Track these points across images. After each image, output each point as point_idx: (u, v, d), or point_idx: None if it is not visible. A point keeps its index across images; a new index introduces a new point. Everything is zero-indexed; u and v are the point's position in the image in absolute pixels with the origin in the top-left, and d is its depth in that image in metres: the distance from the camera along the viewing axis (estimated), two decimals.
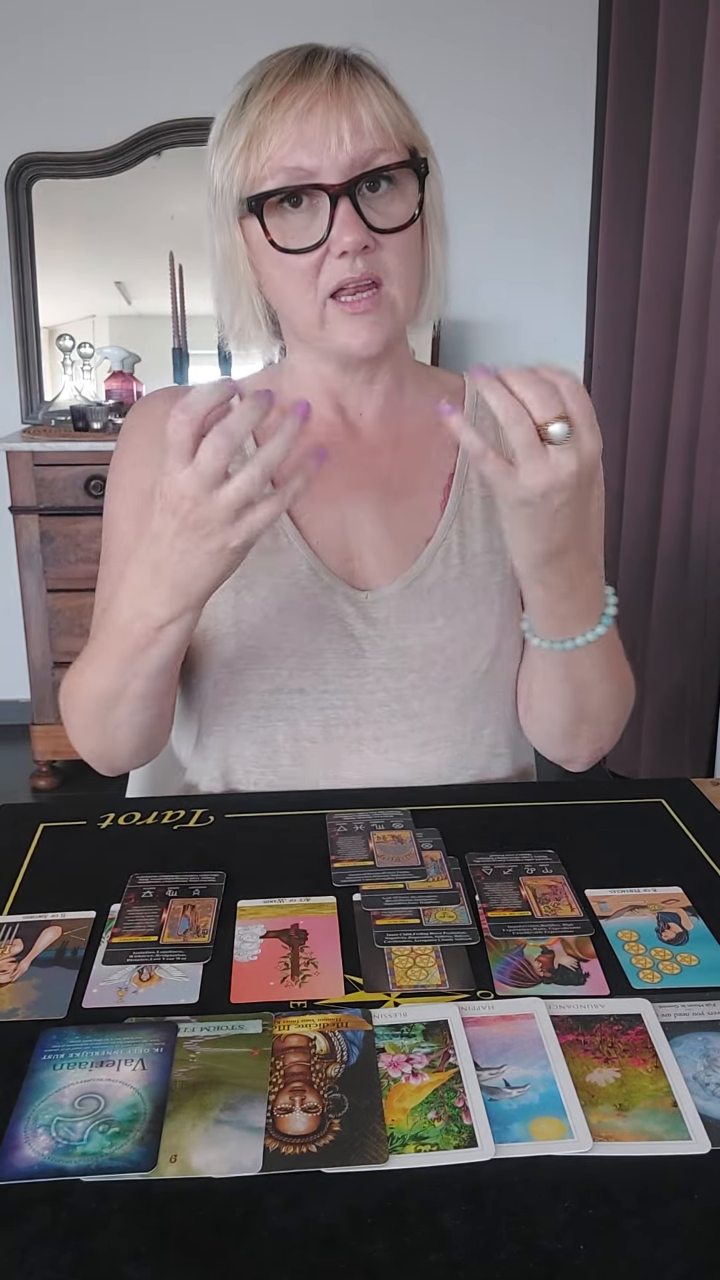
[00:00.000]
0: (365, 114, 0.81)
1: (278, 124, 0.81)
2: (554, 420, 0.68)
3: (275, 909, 0.75)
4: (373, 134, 0.81)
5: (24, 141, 2.85)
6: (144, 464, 0.93)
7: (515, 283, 2.99)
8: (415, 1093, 0.57)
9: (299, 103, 0.80)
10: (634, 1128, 0.55)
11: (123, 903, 0.75)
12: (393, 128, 0.83)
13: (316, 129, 0.80)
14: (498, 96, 2.87)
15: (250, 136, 0.82)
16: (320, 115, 0.80)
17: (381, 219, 0.83)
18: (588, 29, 2.80)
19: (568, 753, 0.98)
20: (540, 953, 0.69)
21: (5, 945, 0.71)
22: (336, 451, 0.94)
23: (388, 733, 0.97)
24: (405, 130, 0.85)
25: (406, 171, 0.84)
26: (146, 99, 2.83)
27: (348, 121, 0.80)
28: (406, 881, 0.77)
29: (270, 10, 2.72)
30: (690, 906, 0.75)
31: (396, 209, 0.84)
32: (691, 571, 2.49)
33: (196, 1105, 0.56)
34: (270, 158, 0.82)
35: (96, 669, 0.87)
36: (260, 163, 0.82)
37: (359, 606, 0.95)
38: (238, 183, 0.84)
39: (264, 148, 0.82)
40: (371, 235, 0.82)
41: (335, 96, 0.81)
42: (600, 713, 0.93)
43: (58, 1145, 0.54)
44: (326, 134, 0.80)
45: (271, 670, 0.95)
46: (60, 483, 2.58)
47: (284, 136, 0.81)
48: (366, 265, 0.82)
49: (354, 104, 0.81)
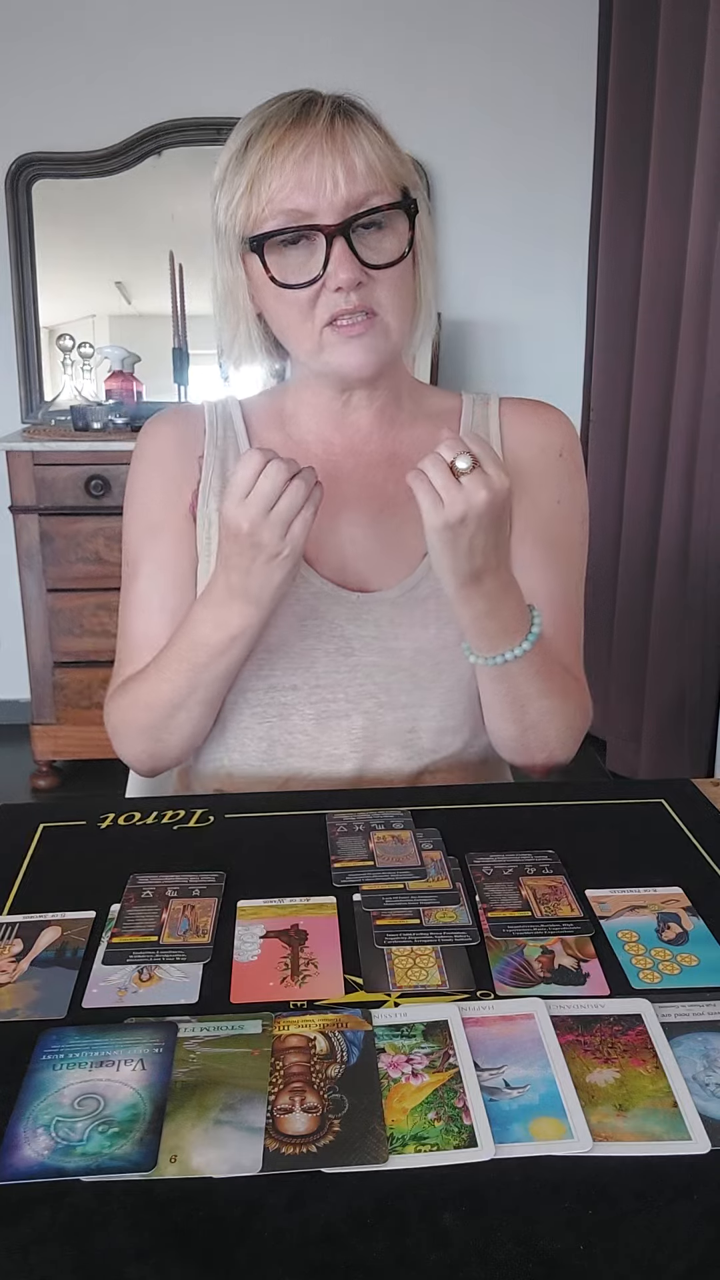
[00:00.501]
0: (358, 159, 0.87)
1: (277, 169, 0.87)
2: (459, 456, 0.82)
3: (275, 909, 0.75)
4: (365, 177, 0.87)
5: (24, 141, 2.85)
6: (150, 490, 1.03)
7: (515, 283, 2.99)
8: (415, 1093, 0.57)
9: (297, 149, 0.86)
10: (634, 1128, 0.55)
11: (123, 903, 0.75)
12: (384, 170, 0.88)
13: (313, 174, 0.86)
14: (498, 95, 2.87)
15: (252, 181, 0.88)
16: (317, 161, 0.86)
17: (374, 255, 0.89)
18: (588, 27, 2.80)
19: (523, 760, 1.02)
20: (540, 953, 0.69)
21: (5, 945, 0.71)
22: (334, 468, 1.00)
23: (378, 721, 1.00)
24: (396, 171, 0.90)
25: (398, 211, 0.90)
26: (146, 99, 2.83)
27: (342, 166, 0.86)
28: (406, 882, 0.77)
29: (270, 10, 2.72)
30: (690, 907, 0.75)
31: (388, 245, 0.90)
32: (691, 572, 2.49)
33: (196, 1105, 0.56)
34: (270, 200, 0.88)
35: (163, 679, 0.95)
36: (261, 205, 0.88)
37: (350, 608, 0.99)
38: (240, 223, 0.90)
39: (264, 191, 0.88)
40: (365, 271, 0.88)
41: (330, 143, 0.86)
42: (541, 724, 0.97)
43: (58, 1145, 0.54)
44: (323, 178, 0.86)
45: (266, 670, 0.99)
46: (60, 483, 2.58)
47: (283, 181, 0.87)
48: (360, 298, 0.88)
49: (348, 150, 0.87)
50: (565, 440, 1.05)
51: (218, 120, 2.77)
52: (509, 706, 0.96)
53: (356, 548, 1.00)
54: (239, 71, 2.75)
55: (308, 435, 1.02)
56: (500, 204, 2.92)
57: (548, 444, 1.04)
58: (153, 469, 1.04)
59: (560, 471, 1.03)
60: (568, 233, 2.95)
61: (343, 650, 0.99)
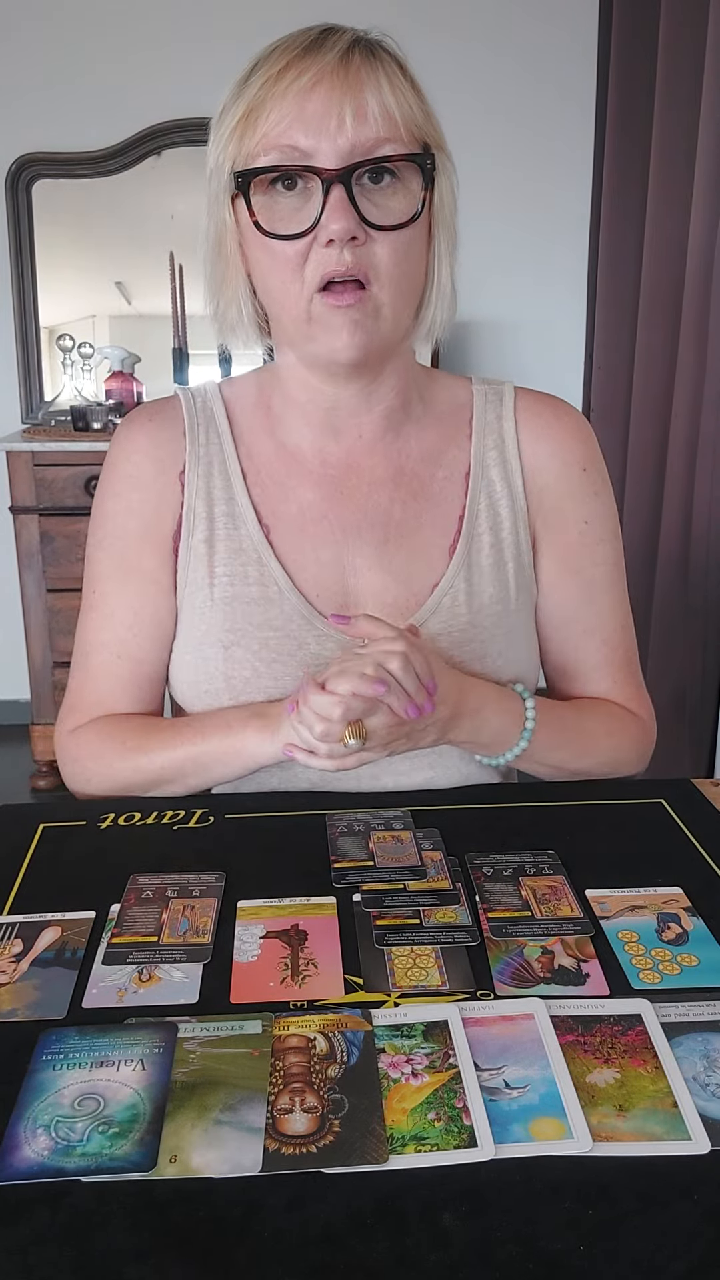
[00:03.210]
0: (372, 99, 0.76)
1: (277, 99, 0.76)
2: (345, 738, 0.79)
3: (275, 909, 0.75)
4: (378, 121, 0.76)
5: (24, 141, 2.85)
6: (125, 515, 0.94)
7: (515, 282, 2.99)
8: (415, 1093, 0.57)
9: (302, 79, 0.76)
10: (634, 1128, 0.55)
11: (123, 903, 0.75)
12: (402, 118, 0.78)
13: (317, 108, 0.76)
14: (498, 94, 2.87)
15: (249, 110, 0.78)
16: (323, 94, 0.76)
17: (378, 213, 0.78)
18: (588, 25, 2.80)
19: None
20: (540, 953, 0.69)
21: (5, 945, 0.71)
22: (334, 487, 0.92)
23: (387, 772, 0.95)
24: (416, 123, 0.80)
25: (411, 167, 0.79)
26: (146, 99, 2.83)
27: (352, 105, 0.76)
28: (406, 882, 0.77)
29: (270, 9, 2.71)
30: (690, 907, 0.75)
31: (396, 205, 0.79)
32: (692, 572, 2.49)
33: (196, 1105, 0.56)
34: (266, 134, 0.77)
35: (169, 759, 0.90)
36: (255, 139, 0.78)
37: None
38: (229, 158, 0.80)
39: (261, 123, 0.77)
40: (363, 227, 0.77)
41: (342, 76, 0.76)
42: (592, 768, 0.96)
43: (57, 1146, 0.54)
44: (327, 115, 0.76)
45: None
46: (60, 483, 2.58)
47: (282, 113, 0.76)
48: (354, 258, 0.78)
49: (361, 87, 0.76)
50: (586, 450, 0.96)
51: None
52: (553, 773, 0.95)
53: (360, 580, 0.92)
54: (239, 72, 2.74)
55: (302, 443, 0.93)
56: (500, 201, 2.92)
57: (569, 460, 0.96)
58: (129, 490, 0.93)
59: (584, 489, 0.96)
60: (568, 231, 2.95)
61: None
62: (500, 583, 0.94)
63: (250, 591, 0.92)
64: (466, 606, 0.93)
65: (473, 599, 0.93)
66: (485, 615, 0.93)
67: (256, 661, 0.91)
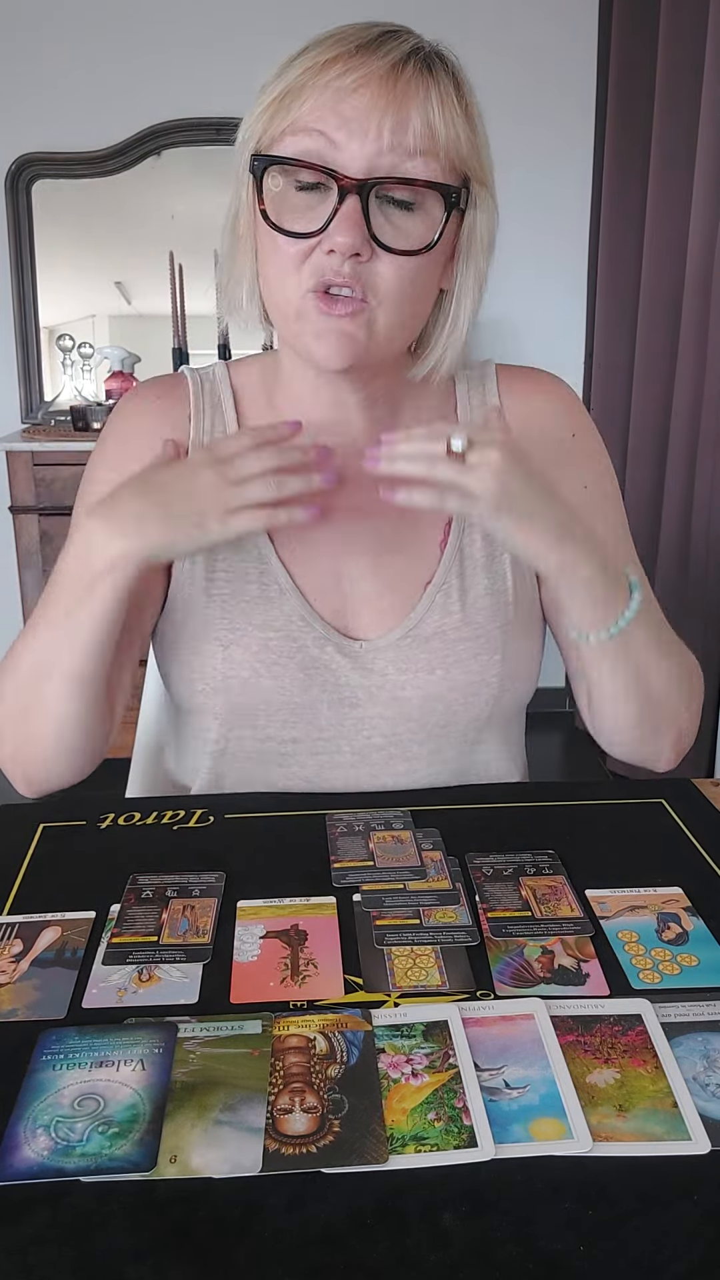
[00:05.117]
0: (417, 115, 0.73)
1: (317, 90, 0.73)
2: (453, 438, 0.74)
3: (275, 909, 0.75)
4: (417, 138, 0.73)
5: (24, 141, 2.85)
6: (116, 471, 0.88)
7: (515, 281, 2.99)
8: (415, 1093, 0.57)
9: (346, 78, 0.72)
10: (634, 1128, 0.55)
11: (122, 903, 0.75)
12: (445, 141, 0.74)
13: (355, 111, 0.72)
14: (498, 93, 2.86)
15: (285, 92, 0.75)
16: (366, 99, 0.72)
17: (391, 233, 0.75)
18: (588, 25, 2.80)
19: (652, 748, 0.93)
20: (540, 953, 0.69)
21: (5, 945, 0.71)
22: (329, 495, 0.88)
23: (385, 771, 0.95)
24: (459, 151, 0.76)
25: (434, 194, 0.76)
26: (146, 99, 2.83)
27: (394, 116, 0.72)
28: (406, 882, 0.77)
29: (271, 8, 2.72)
30: (690, 907, 0.75)
31: (413, 229, 0.76)
32: (692, 571, 2.49)
33: (196, 1105, 0.56)
34: (295, 121, 0.74)
35: (30, 639, 0.83)
36: (284, 123, 0.75)
37: (353, 658, 0.91)
38: (255, 136, 0.78)
39: (293, 108, 0.74)
40: (370, 245, 0.75)
41: (389, 85, 0.72)
42: (667, 693, 0.89)
43: (57, 1146, 0.54)
44: (365, 121, 0.72)
45: (263, 722, 0.92)
46: (60, 483, 2.58)
47: (317, 103, 0.73)
48: (356, 273, 0.75)
49: (407, 101, 0.73)
50: (572, 417, 0.94)
51: (218, 121, 2.77)
52: (635, 680, 0.86)
53: (356, 587, 0.92)
54: (239, 72, 2.73)
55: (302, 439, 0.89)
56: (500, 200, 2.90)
57: (550, 427, 0.93)
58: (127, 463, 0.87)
59: (577, 454, 0.94)
60: (568, 231, 2.95)
61: (347, 701, 0.92)
62: (496, 574, 0.93)
63: (250, 590, 0.91)
64: (460, 602, 0.92)
65: (466, 593, 0.92)
66: (479, 610, 0.92)
67: (255, 662, 0.90)
